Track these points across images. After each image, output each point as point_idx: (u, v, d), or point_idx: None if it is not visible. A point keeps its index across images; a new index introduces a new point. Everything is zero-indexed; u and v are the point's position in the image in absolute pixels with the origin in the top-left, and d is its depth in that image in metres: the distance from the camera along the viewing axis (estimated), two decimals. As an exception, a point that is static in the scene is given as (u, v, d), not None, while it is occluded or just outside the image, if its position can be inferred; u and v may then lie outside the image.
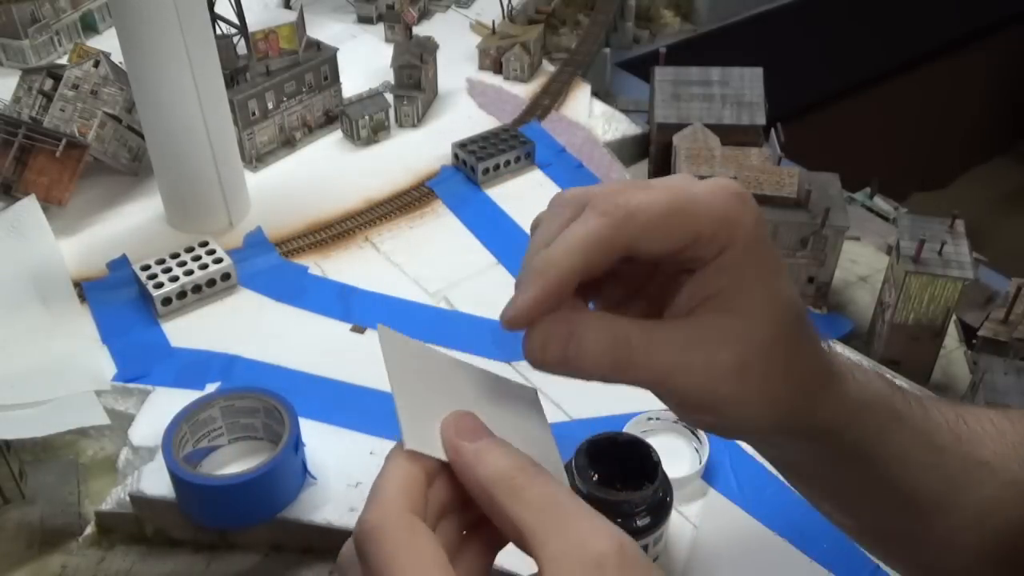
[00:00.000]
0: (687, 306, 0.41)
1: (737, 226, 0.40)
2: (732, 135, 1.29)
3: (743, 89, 1.33)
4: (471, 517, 0.40)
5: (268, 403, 0.87)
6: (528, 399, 0.46)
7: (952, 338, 1.08)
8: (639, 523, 0.76)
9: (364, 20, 1.75)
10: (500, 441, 0.39)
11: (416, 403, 0.41)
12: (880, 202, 1.37)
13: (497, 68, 1.57)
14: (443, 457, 0.39)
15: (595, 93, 1.53)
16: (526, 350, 0.42)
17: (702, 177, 0.42)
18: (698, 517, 0.85)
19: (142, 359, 1.01)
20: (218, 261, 1.10)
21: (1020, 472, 0.50)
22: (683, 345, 0.40)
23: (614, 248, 0.39)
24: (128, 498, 0.86)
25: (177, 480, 0.82)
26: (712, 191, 0.40)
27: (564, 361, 0.41)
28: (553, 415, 0.96)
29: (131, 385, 0.98)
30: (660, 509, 0.77)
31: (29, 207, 1.20)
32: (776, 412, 0.42)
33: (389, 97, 1.45)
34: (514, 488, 0.37)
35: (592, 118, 1.46)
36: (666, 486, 0.79)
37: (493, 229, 1.23)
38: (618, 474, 0.77)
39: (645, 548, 0.76)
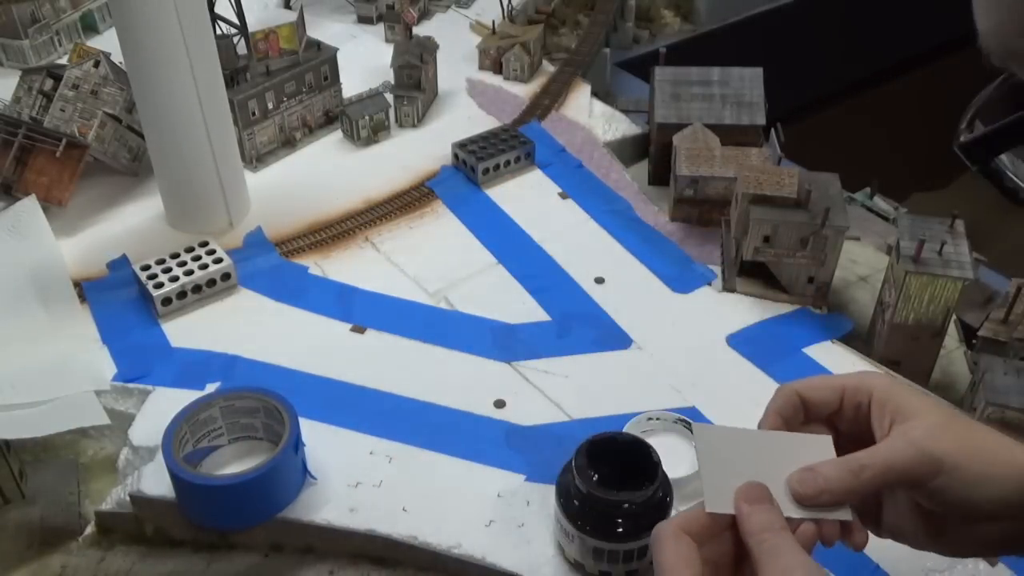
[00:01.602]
0: (885, 432, 0.57)
1: (869, 385, 0.58)
2: (732, 135, 1.29)
3: (743, 89, 1.33)
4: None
5: (268, 403, 0.87)
6: (821, 445, 0.58)
7: (952, 338, 1.08)
8: (640, 522, 0.76)
9: (364, 20, 1.75)
10: (769, 507, 0.53)
11: (717, 476, 0.55)
12: (880, 202, 1.37)
13: (497, 68, 1.57)
14: (732, 512, 0.54)
15: (595, 93, 1.53)
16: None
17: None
18: (698, 517, 0.85)
19: (142, 359, 1.01)
20: (218, 261, 1.10)
21: None
22: (894, 438, 0.56)
23: (788, 397, 0.62)
24: (128, 498, 0.86)
25: (177, 480, 0.82)
26: (857, 383, 0.59)
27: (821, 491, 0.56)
28: (553, 415, 0.96)
29: (131, 385, 0.98)
30: (660, 509, 0.77)
31: (29, 207, 1.20)
32: (988, 455, 0.55)
33: (389, 97, 1.45)
34: (762, 539, 0.52)
35: (592, 118, 1.46)
36: (666, 486, 0.79)
37: (493, 229, 1.23)
38: (618, 474, 0.77)
39: (645, 547, 0.76)
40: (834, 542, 0.58)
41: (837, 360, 1.02)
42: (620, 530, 0.76)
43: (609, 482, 0.76)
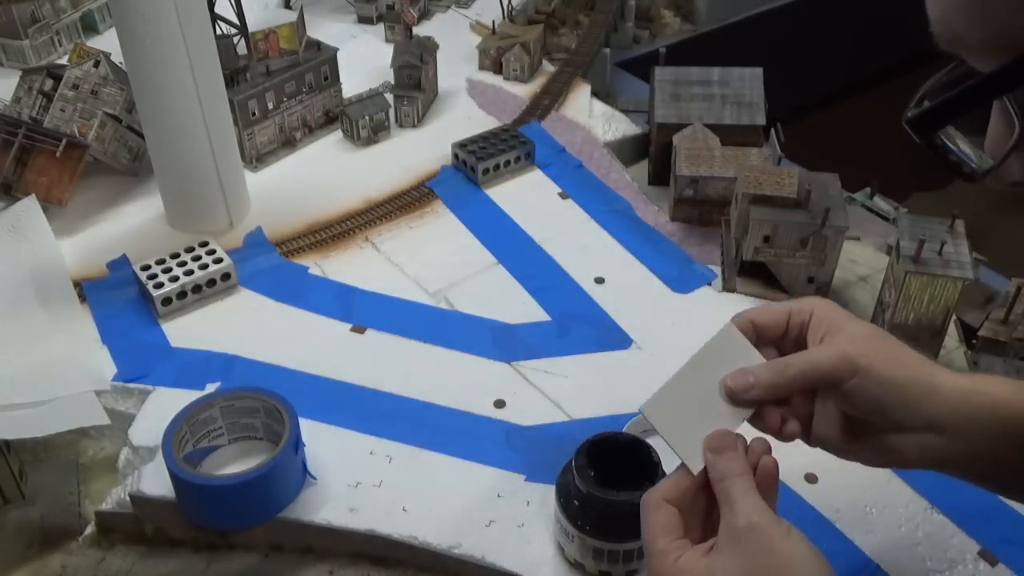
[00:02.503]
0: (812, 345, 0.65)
1: (810, 305, 0.65)
2: (732, 135, 1.29)
3: (743, 89, 1.33)
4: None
5: (268, 403, 0.87)
6: (748, 352, 0.64)
7: (952, 338, 1.08)
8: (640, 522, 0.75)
9: (364, 20, 1.75)
10: (733, 454, 0.59)
11: (682, 436, 0.61)
12: (880, 202, 1.37)
13: (497, 68, 1.57)
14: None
15: (595, 93, 1.53)
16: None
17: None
18: (698, 517, 0.85)
19: (142, 359, 1.01)
20: (218, 261, 1.10)
21: None
22: (821, 346, 0.63)
23: (749, 327, 0.66)
24: (128, 498, 0.86)
25: (177, 480, 0.82)
26: (800, 304, 0.66)
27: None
28: (553, 415, 0.96)
29: (131, 385, 0.98)
30: None
31: (29, 207, 1.20)
32: (908, 389, 0.60)
33: (389, 97, 1.45)
34: (724, 486, 0.58)
35: (592, 118, 1.46)
36: None
37: (493, 229, 1.23)
38: (618, 473, 0.77)
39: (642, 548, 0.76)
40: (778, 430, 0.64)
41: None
42: (620, 530, 0.76)
43: (609, 482, 0.76)
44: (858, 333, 0.63)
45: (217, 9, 1.26)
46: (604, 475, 0.77)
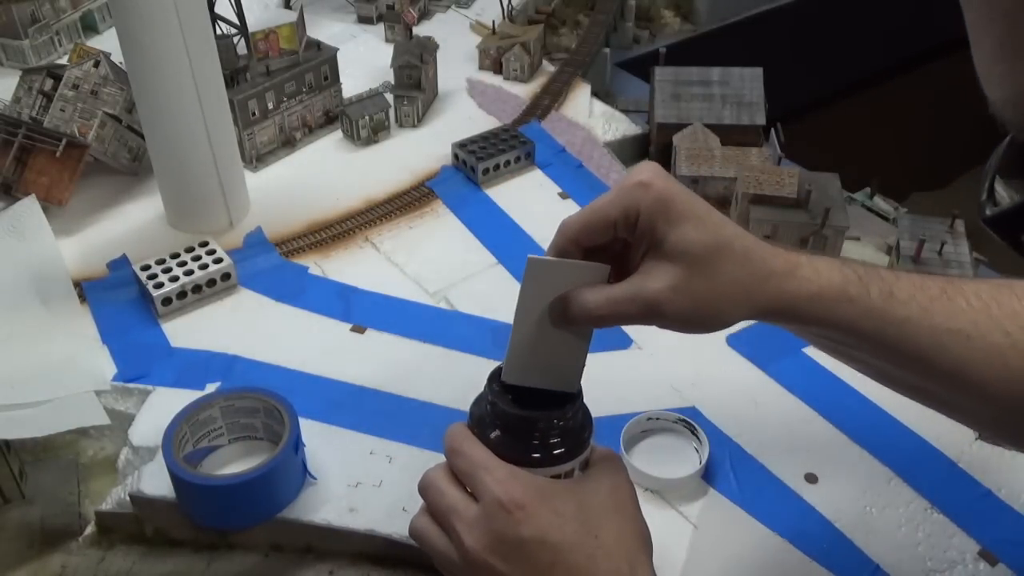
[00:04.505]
0: (638, 262, 0.61)
1: (635, 208, 0.59)
2: (732, 135, 1.29)
3: (743, 89, 1.33)
4: None
5: (268, 403, 0.87)
6: (540, 270, 0.63)
7: (952, 338, 1.08)
8: (550, 443, 0.63)
9: (364, 20, 1.75)
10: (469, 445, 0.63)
11: (553, 376, 0.63)
12: (880, 202, 1.37)
13: (497, 68, 1.57)
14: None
15: (595, 93, 1.53)
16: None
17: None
18: (698, 517, 0.85)
19: (142, 359, 1.01)
20: (218, 261, 1.10)
21: (1002, 339, 0.59)
22: (634, 283, 0.60)
23: (567, 248, 0.62)
24: (128, 498, 0.86)
25: (177, 480, 0.82)
26: (615, 192, 0.61)
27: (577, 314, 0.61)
28: (553, 415, 0.96)
29: (131, 385, 0.98)
30: (572, 436, 0.64)
31: (29, 207, 1.20)
32: (722, 308, 0.60)
33: (389, 97, 1.45)
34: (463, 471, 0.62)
35: (592, 118, 1.46)
36: (584, 418, 0.66)
37: (493, 229, 1.23)
38: (541, 399, 0.65)
39: (558, 478, 0.64)
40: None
41: (837, 360, 1.02)
42: (537, 455, 0.63)
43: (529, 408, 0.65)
44: (679, 275, 0.59)
45: (217, 9, 1.26)
46: (523, 406, 0.65)
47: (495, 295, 1.12)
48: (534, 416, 0.63)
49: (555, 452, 0.63)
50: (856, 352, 0.65)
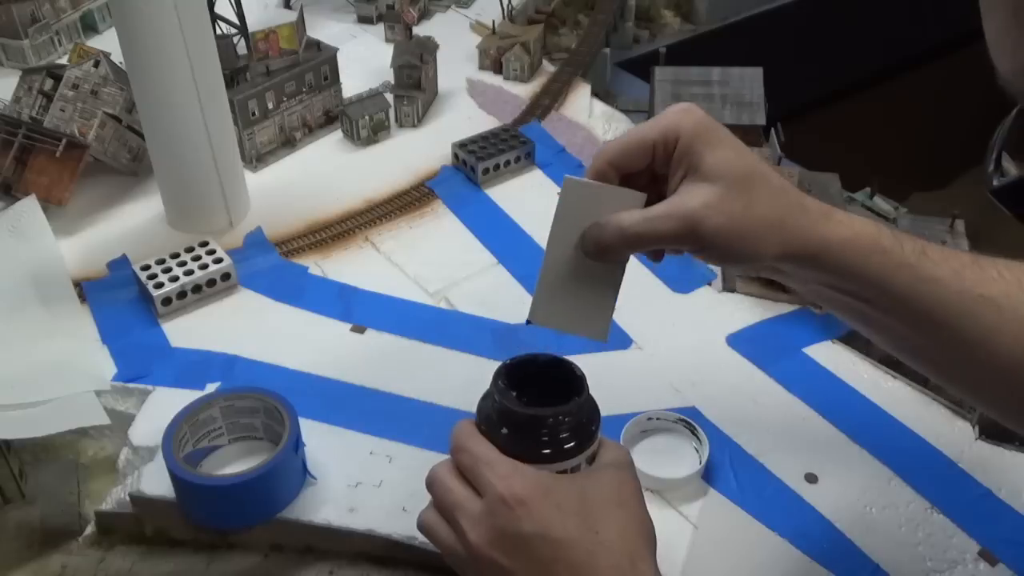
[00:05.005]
0: (675, 186, 0.61)
1: (675, 131, 0.60)
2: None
3: (743, 89, 1.33)
4: None
5: (268, 403, 0.87)
6: (576, 191, 0.62)
7: (952, 338, 1.08)
8: (560, 438, 0.63)
9: (364, 20, 1.75)
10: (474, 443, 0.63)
11: (582, 320, 0.64)
12: (880, 202, 1.36)
13: (497, 68, 1.57)
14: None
15: (595, 93, 1.53)
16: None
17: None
18: (698, 517, 0.85)
19: (142, 359, 1.01)
20: (218, 261, 1.10)
21: None
22: (671, 202, 0.60)
23: (605, 170, 0.62)
24: (128, 498, 0.86)
25: (177, 480, 0.82)
26: (655, 118, 0.61)
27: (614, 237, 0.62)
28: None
29: (131, 385, 0.98)
30: (582, 431, 0.64)
31: (29, 207, 1.20)
32: (757, 233, 0.59)
33: (389, 97, 1.45)
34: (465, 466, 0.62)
35: (592, 118, 1.46)
36: (592, 411, 0.67)
37: (493, 229, 1.23)
38: (547, 395, 0.65)
39: (564, 472, 0.64)
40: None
41: (837, 360, 1.02)
42: (547, 451, 0.64)
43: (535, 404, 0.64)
44: (715, 193, 0.59)
45: (217, 9, 1.26)
46: (529, 400, 0.65)
47: (495, 295, 1.12)
48: (542, 414, 0.62)
49: (564, 447, 0.63)
50: (875, 313, 0.62)
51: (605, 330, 0.63)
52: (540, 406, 0.63)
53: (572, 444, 0.63)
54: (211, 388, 0.97)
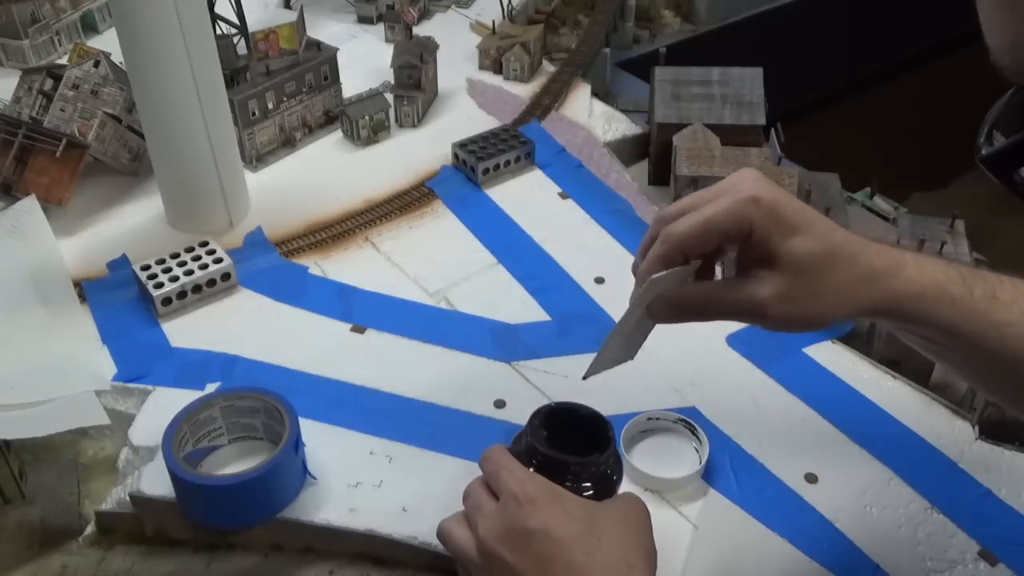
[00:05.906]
0: (746, 266, 0.64)
1: (748, 222, 0.61)
2: (732, 135, 1.29)
3: (743, 89, 1.33)
4: None
5: (268, 403, 0.87)
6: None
7: (952, 338, 1.08)
8: (582, 485, 0.69)
9: (364, 20, 1.75)
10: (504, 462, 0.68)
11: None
12: (880, 202, 1.37)
13: (497, 68, 1.57)
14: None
15: (595, 93, 1.53)
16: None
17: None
18: (698, 517, 0.85)
19: (142, 359, 1.01)
20: (218, 261, 1.10)
21: None
22: (743, 289, 0.63)
23: (674, 257, 0.64)
24: (128, 498, 0.86)
25: (177, 480, 0.82)
26: (727, 205, 0.62)
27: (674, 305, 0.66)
28: (553, 415, 0.96)
29: (131, 385, 0.98)
30: (603, 482, 0.70)
31: (29, 207, 1.20)
32: (825, 311, 0.62)
33: (389, 97, 1.45)
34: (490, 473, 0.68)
35: (592, 118, 1.46)
36: (615, 465, 0.72)
37: (493, 229, 1.23)
38: (576, 444, 0.71)
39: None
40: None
41: (837, 360, 1.02)
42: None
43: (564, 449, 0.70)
44: (785, 291, 0.61)
45: (217, 9, 1.26)
46: (560, 441, 0.71)
47: (495, 295, 1.12)
48: (564, 459, 0.68)
49: (583, 495, 0.68)
50: (953, 355, 0.65)
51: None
52: (569, 451, 0.69)
53: (591, 492, 0.68)
54: (211, 388, 0.97)
